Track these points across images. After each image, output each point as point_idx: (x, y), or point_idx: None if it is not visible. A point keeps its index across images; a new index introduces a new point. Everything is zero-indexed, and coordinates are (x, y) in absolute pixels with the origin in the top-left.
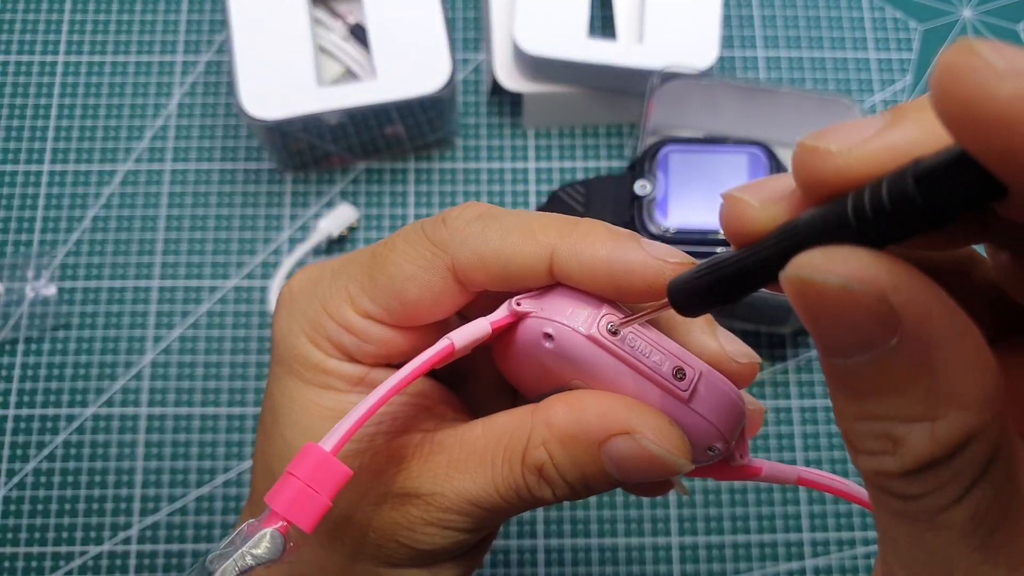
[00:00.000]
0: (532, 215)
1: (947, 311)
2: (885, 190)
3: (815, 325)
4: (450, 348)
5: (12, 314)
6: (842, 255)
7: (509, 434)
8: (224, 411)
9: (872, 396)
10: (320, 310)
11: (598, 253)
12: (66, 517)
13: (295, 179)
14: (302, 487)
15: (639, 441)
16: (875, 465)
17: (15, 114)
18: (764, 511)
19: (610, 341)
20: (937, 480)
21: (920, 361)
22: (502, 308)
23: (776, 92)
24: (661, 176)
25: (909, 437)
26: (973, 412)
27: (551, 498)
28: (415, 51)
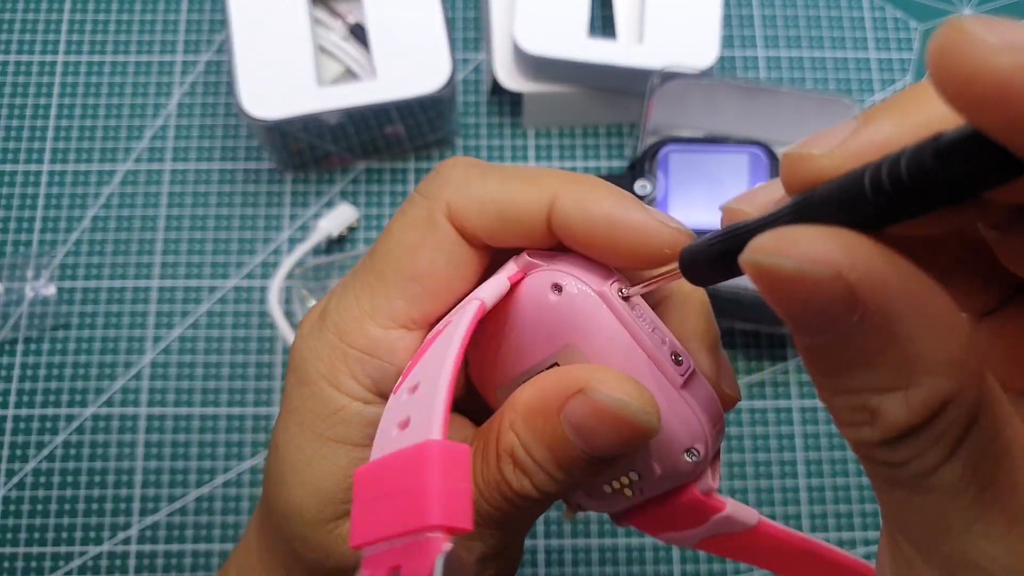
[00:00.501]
0: (534, 167)
1: (907, 281)
2: (904, 162)
3: (778, 307)
4: (481, 306)
5: (11, 314)
6: (794, 237)
7: (490, 427)
8: (224, 411)
9: (844, 371)
10: (336, 343)
11: (602, 205)
12: (66, 517)
13: (295, 179)
14: (443, 487)
15: (590, 395)
16: (856, 436)
17: (14, 114)
18: (764, 511)
19: (620, 304)
20: (918, 446)
21: (885, 334)
22: (510, 264)
23: (776, 92)
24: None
25: (884, 407)
26: (945, 376)
27: (532, 491)
28: (415, 51)
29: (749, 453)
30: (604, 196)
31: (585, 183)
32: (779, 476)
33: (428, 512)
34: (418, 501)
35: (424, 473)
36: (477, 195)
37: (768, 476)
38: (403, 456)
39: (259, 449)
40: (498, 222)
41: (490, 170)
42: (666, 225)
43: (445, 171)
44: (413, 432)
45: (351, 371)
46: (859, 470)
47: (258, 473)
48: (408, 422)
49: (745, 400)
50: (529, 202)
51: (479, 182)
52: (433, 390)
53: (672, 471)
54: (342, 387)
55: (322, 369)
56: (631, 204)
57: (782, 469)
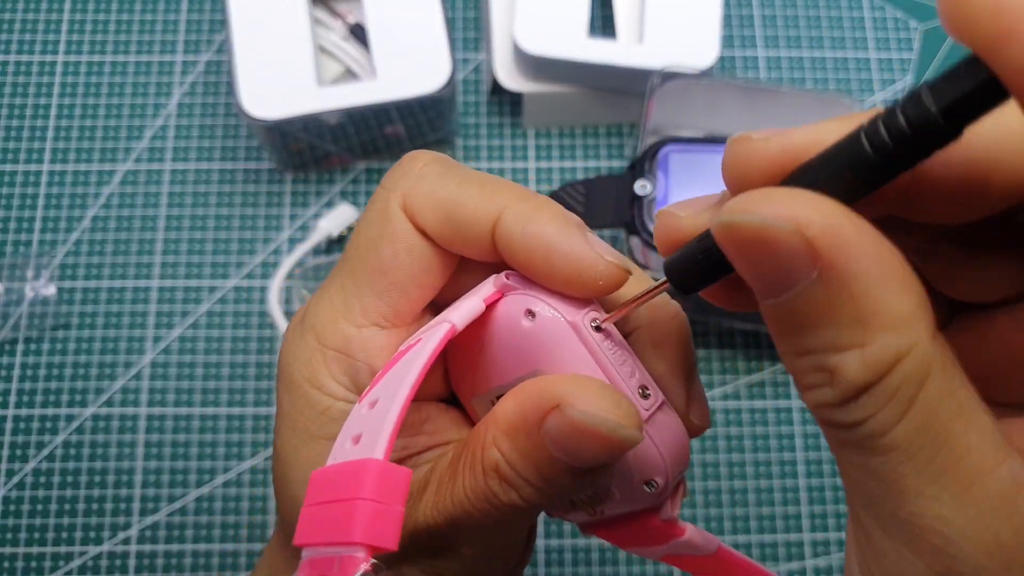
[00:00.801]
0: (493, 176)
1: (863, 239)
2: (900, 111)
3: (745, 267)
4: (452, 329)
5: (11, 314)
6: (758, 196)
7: (473, 440)
8: (224, 411)
9: (805, 330)
10: (315, 345)
11: (543, 229)
12: (65, 517)
13: (295, 179)
14: (372, 507)
15: (567, 412)
16: (817, 398)
17: (14, 114)
18: (764, 511)
19: (591, 334)
20: (875, 403)
21: (841, 290)
22: (487, 283)
23: (776, 92)
24: (661, 176)
25: (842, 365)
26: (898, 333)
27: (520, 502)
28: (415, 51)
29: (749, 453)
30: (547, 221)
31: (533, 204)
32: (779, 476)
33: (353, 530)
34: (348, 517)
35: (357, 491)
36: (431, 193)
37: (768, 476)
38: (347, 469)
39: (259, 449)
40: (447, 224)
41: (450, 170)
42: (602, 257)
43: (406, 164)
44: (361, 448)
45: (330, 371)
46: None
47: (258, 473)
48: (360, 437)
49: (745, 400)
50: (477, 212)
51: (436, 180)
52: (386, 411)
53: (631, 499)
54: (324, 388)
55: (304, 372)
56: (573, 232)
57: (782, 469)
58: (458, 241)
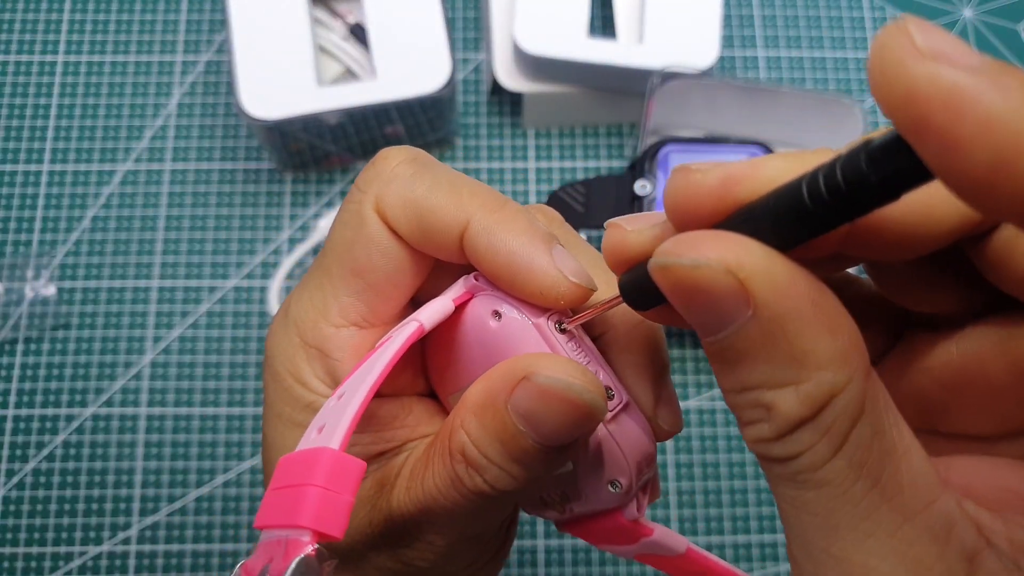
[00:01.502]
0: (466, 179)
1: (795, 281)
2: (839, 168)
3: (681, 307)
4: (420, 328)
5: (11, 314)
6: (690, 239)
7: (443, 428)
8: (224, 411)
9: (742, 368)
10: (297, 341)
11: (508, 242)
12: (65, 517)
13: (295, 179)
14: (322, 493)
15: (533, 379)
16: (754, 433)
17: (14, 114)
18: (765, 511)
19: (555, 336)
20: (809, 438)
21: (775, 329)
22: (458, 284)
23: (776, 92)
24: (661, 176)
25: (778, 402)
26: (833, 371)
27: (485, 487)
28: (415, 51)
29: (749, 453)
30: (514, 233)
31: (502, 214)
32: None
33: (301, 514)
34: (297, 502)
35: (310, 477)
36: (402, 195)
37: None
38: (305, 456)
39: (259, 449)
40: (417, 229)
41: (422, 170)
42: (565, 277)
43: (379, 163)
44: (322, 438)
45: (312, 369)
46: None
47: (258, 473)
48: (323, 428)
49: None
50: (445, 219)
51: (407, 182)
52: (347, 403)
53: (596, 499)
54: (307, 384)
55: (288, 367)
56: (538, 247)
57: None
58: (429, 246)
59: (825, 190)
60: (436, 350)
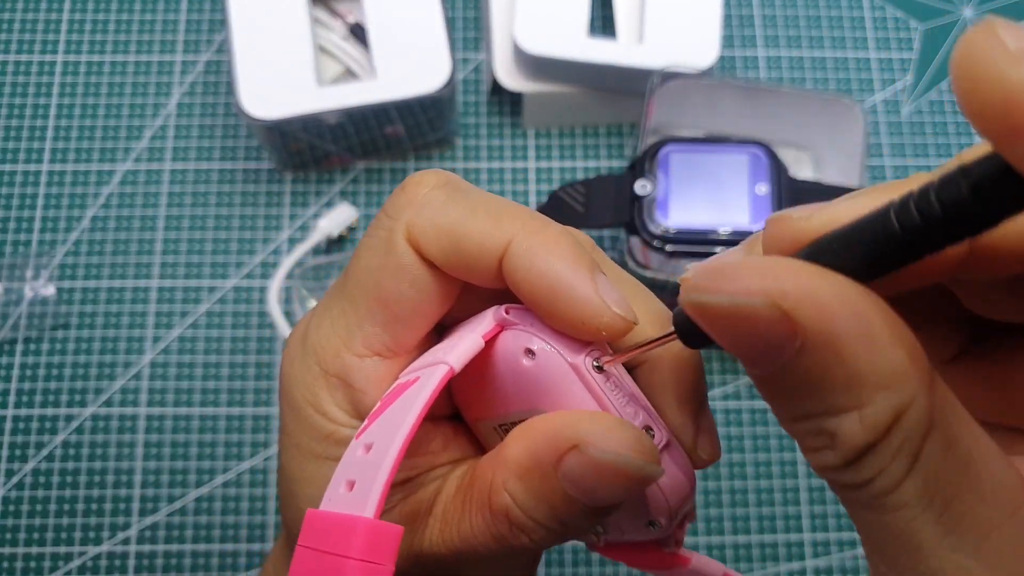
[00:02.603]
0: (504, 200)
1: (846, 300)
2: (935, 194)
3: (724, 342)
4: (450, 371)
5: (11, 314)
6: (725, 271)
7: (480, 479)
8: (223, 411)
9: (797, 398)
10: (316, 370)
11: (552, 265)
12: (65, 517)
13: (295, 179)
14: (361, 566)
15: (586, 452)
16: (820, 461)
17: (14, 113)
18: (765, 512)
19: (592, 376)
20: (879, 463)
21: (829, 356)
22: (487, 317)
23: (777, 92)
24: (662, 176)
25: (841, 429)
26: (894, 390)
27: (530, 544)
28: (415, 51)
29: (750, 453)
30: (557, 257)
31: (544, 236)
32: (779, 476)
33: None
34: (338, 574)
35: (348, 549)
36: (435, 221)
37: (768, 476)
38: (339, 521)
39: (259, 449)
40: (453, 254)
41: (455, 195)
42: (609, 308)
43: (410, 189)
44: (353, 499)
45: (333, 399)
46: None
47: (257, 473)
48: (354, 484)
49: (746, 400)
50: (484, 242)
51: (441, 207)
52: (379, 462)
53: (634, 534)
54: (328, 415)
55: (308, 396)
56: (582, 275)
57: (783, 469)
58: (465, 271)
59: (918, 215)
60: (464, 377)
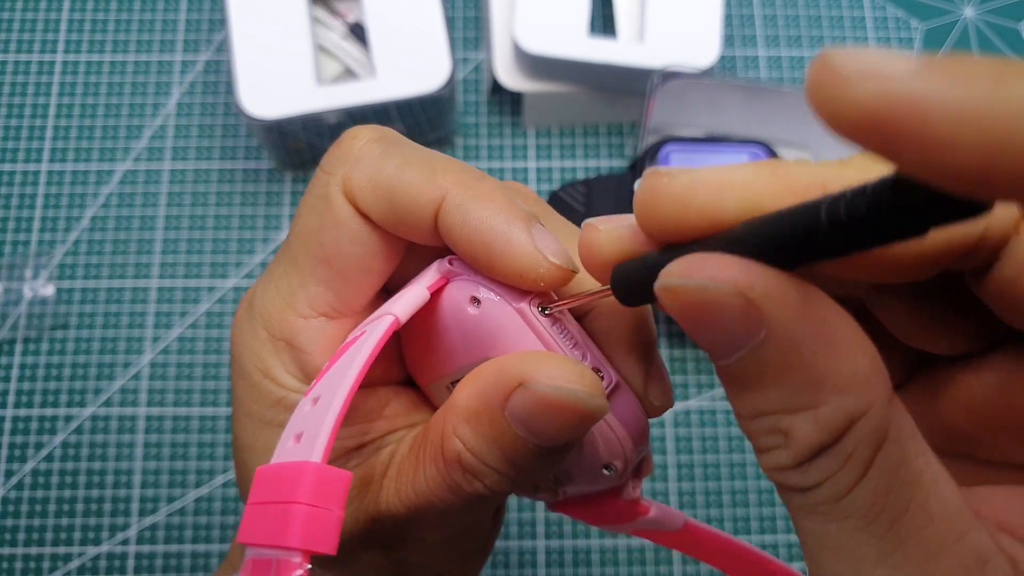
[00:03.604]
0: (439, 155)
1: (810, 302)
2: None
3: (690, 330)
4: (395, 322)
5: (10, 314)
6: (699, 261)
7: (432, 431)
8: (223, 411)
9: (756, 392)
10: (264, 335)
11: (486, 220)
12: (64, 518)
13: (294, 178)
14: (308, 512)
15: (532, 387)
16: (772, 461)
17: (13, 113)
18: (765, 512)
19: (538, 320)
20: (830, 466)
21: (790, 352)
22: (431, 270)
23: (777, 91)
24: None
25: (795, 427)
26: (851, 394)
27: (485, 491)
28: (414, 50)
29: (750, 454)
30: (491, 210)
31: (477, 189)
32: None
33: (290, 534)
34: (285, 521)
35: (294, 495)
36: (371, 175)
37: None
38: (287, 470)
39: None
40: (388, 209)
41: (392, 148)
42: (545, 258)
43: (345, 143)
44: (301, 449)
45: (281, 363)
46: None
47: None
48: (301, 436)
49: None
50: (419, 196)
51: (376, 161)
52: (326, 409)
53: (591, 482)
54: (276, 380)
55: (256, 362)
56: (516, 224)
57: None
58: (401, 227)
59: (847, 216)
60: (412, 338)
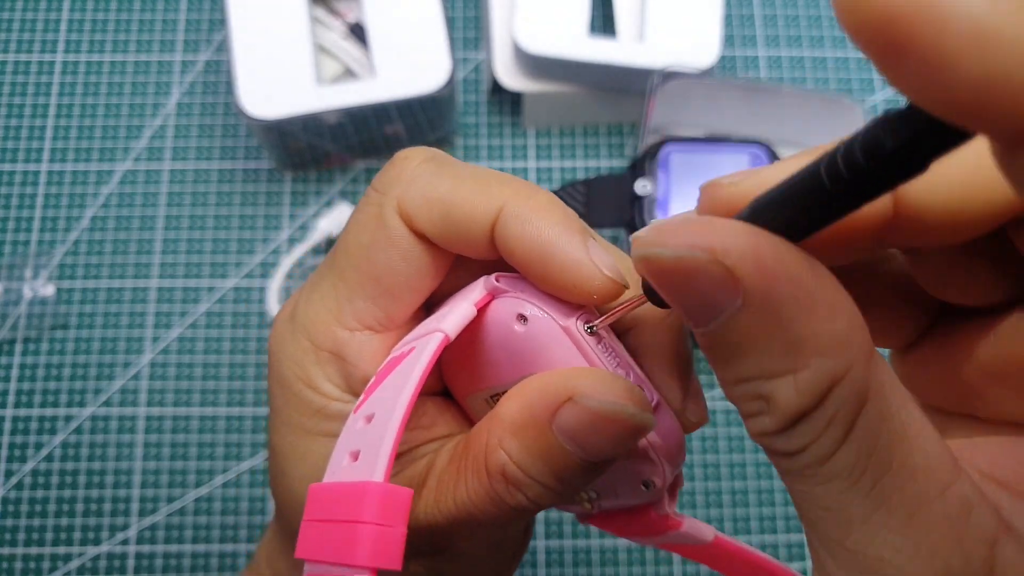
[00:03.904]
0: (492, 170)
1: (788, 264)
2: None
3: (668, 297)
4: (445, 339)
5: (10, 314)
6: (673, 226)
7: (475, 443)
8: (223, 411)
9: (736, 358)
10: (307, 345)
11: (543, 231)
12: (64, 518)
13: (294, 178)
14: (375, 531)
15: (581, 402)
16: (757, 427)
17: (13, 113)
18: (765, 512)
19: (584, 339)
20: (813, 431)
21: (768, 317)
22: (477, 286)
23: (777, 91)
24: (662, 175)
25: (776, 393)
26: (830, 357)
27: (527, 503)
28: (414, 50)
29: (750, 454)
30: (548, 223)
31: (534, 201)
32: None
33: (358, 553)
34: (351, 539)
35: (360, 514)
36: (426, 194)
37: (769, 477)
38: (347, 490)
39: (258, 450)
40: (444, 225)
41: (444, 167)
42: (600, 271)
43: (398, 164)
44: (360, 467)
45: (325, 373)
46: None
47: (257, 474)
48: (358, 455)
49: None
50: (475, 210)
51: (430, 180)
52: (383, 429)
53: (628, 497)
54: (319, 389)
55: (297, 372)
56: (572, 237)
57: None
58: (457, 241)
59: (844, 165)
60: (453, 351)
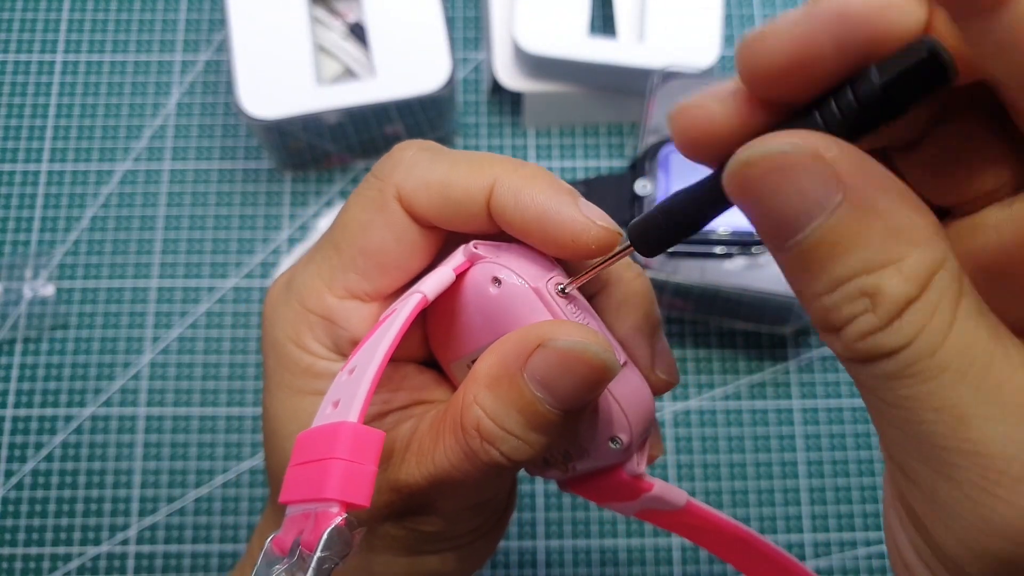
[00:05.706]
0: (481, 152)
1: (876, 164)
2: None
3: (764, 206)
4: (423, 299)
5: (10, 314)
6: (770, 136)
7: (452, 405)
8: (223, 411)
9: (835, 260)
10: (299, 309)
11: (536, 196)
12: (64, 518)
13: (294, 178)
14: (345, 466)
15: (550, 344)
16: (857, 330)
17: (13, 113)
18: (765, 512)
19: (554, 299)
20: (921, 318)
21: (869, 208)
22: (457, 253)
23: None
24: (662, 175)
25: (882, 282)
26: (932, 245)
27: (501, 459)
28: (414, 50)
29: (750, 454)
30: (540, 188)
31: (525, 172)
32: (780, 476)
33: (327, 487)
34: (323, 475)
35: (332, 451)
36: (424, 178)
37: (769, 477)
38: (325, 431)
39: (258, 450)
40: (443, 205)
41: (440, 154)
42: (594, 223)
43: (397, 153)
44: (339, 412)
45: (314, 334)
46: (860, 471)
47: (257, 474)
48: (339, 402)
49: (746, 400)
50: (471, 187)
51: (427, 165)
52: (360, 377)
53: (598, 455)
54: (308, 348)
55: (289, 332)
56: (564, 199)
57: (783, 470)
58: (456, 219)
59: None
60: (437, 319)
